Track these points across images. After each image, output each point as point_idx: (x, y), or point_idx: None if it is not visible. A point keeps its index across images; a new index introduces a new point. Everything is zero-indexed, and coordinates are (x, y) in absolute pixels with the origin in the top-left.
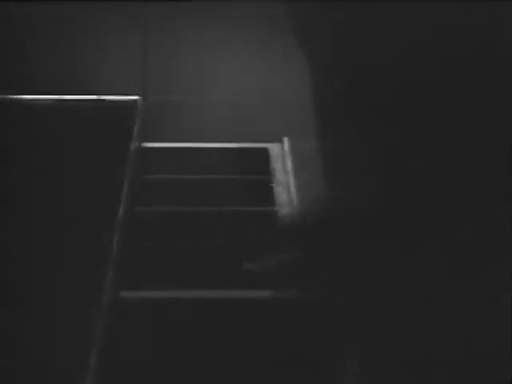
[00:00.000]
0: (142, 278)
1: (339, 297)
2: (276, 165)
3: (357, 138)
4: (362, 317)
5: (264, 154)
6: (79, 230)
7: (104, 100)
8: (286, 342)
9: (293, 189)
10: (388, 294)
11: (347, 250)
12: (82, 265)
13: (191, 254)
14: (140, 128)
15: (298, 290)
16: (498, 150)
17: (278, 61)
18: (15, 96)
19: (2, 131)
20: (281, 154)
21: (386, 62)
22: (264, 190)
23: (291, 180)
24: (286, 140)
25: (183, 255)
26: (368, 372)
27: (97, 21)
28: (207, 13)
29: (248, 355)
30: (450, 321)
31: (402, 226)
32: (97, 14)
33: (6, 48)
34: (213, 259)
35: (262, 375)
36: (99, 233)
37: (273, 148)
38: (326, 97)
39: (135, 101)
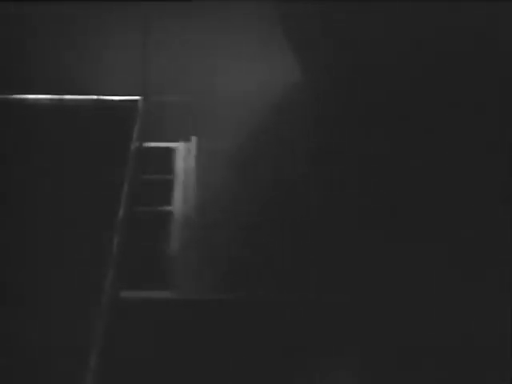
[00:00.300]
0: (142, 278)
1: (337, 297)
2: (180, 164)
3: (357, 138)
4: (361, 317)
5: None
6: (79, 230)
7: (104, 100)
8: (285, 342)
9: (192, 188)
10: (387, 294)
11: (346, 250)
12: (81, 265)
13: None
14: (140, 128)
15: (294, 291)
16: (498, 150)
17: (277, 60)
18: (15, 96)
19: (1, 131)
20: (187, 153)
21: (386, 62)
22: (164, 190)
23: (192, 179)
24: (193, 139)
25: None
26: (368, 372)
27: (97, 21)
28: (207, 13)
29: (247, 355)
30: (449, 321)
31: (402, 225)
32: (97, 14)
33: (6, 48)
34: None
35: (261, 375)
36: (99, 233)
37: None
38: (319, 98)
39: (135, 101)
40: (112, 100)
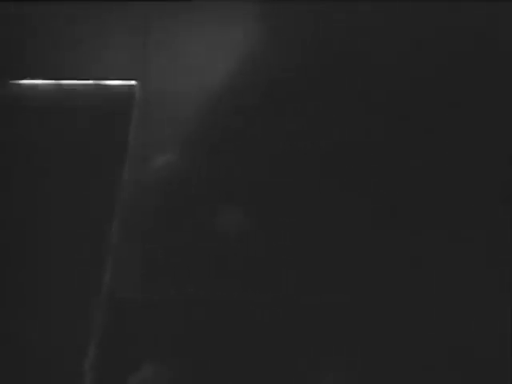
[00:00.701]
0: (142, 278)
1: (337, 297)
2: None
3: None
4: (361, 317)
5: None
6: (78, 228)
7: (101, 85)
8: (287, 342)
9: None
10: (386, 294)
11: (345, 250)
12: (81, 265)
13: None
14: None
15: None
16: (498, 149)
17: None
18: (10, 82)
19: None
20: None
21: (386, 61)
22: None
23: None
24: None
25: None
26: (368, 372)
27: (97, 21)
28: (208, 13)
29: (249, 356)
30: (449, 321)
31: (402, 225)
32: (97, 14)
33: (6, 48)
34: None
35: (263, 374)
36: (99, 231)
37: None
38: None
39: (133, 86)
40: (109, 85)
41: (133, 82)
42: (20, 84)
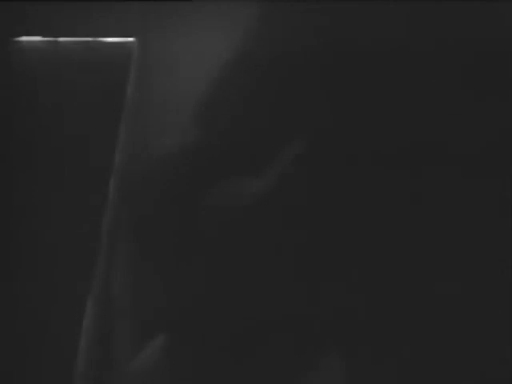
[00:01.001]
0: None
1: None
2: None
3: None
4: (355, 317)
5: None
6: (77, 174)
7: (97, 42)
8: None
9: None
10: (386, 294)
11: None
12: (79, 252)
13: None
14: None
15: None
16: (498, 149)
17: None
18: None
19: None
20: None
21: (387, 61)
22: None
23: None
24: None
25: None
26: (362, 371)
27: (97, 21)
28: (208, 13)
29: (249, 357)
30: (449, 320)
31: (401, 225)
32: (97, 14)
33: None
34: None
35: (264, 375)
36: (96, 178)
37: None
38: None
39: (132, 43)
40: (106, 42)
41: (131, 39)
42: (18, 41)
